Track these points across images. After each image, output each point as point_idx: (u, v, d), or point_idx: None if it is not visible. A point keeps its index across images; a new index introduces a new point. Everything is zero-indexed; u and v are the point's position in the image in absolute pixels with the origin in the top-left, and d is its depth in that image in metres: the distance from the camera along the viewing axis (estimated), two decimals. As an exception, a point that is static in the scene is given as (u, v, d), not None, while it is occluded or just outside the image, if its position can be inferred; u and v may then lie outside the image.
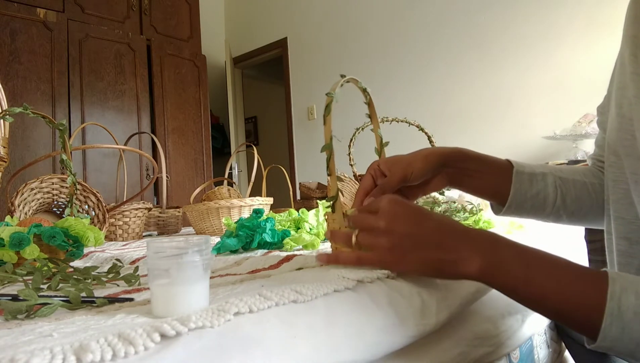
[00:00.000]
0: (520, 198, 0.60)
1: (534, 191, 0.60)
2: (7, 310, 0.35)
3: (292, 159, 3.98)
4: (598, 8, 2.41)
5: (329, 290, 0.40)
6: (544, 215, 0.62)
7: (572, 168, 0.65)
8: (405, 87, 3.22)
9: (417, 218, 0.46)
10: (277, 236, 0.79)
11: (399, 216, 0.46)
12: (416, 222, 0.45)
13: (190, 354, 0.28)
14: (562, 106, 2.54)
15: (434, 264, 0.44)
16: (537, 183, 0.60)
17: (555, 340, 0.91)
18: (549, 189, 0.60)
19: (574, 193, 0.61)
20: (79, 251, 0.71)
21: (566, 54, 2.55)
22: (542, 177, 0.60)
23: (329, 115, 0.58)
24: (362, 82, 0.65)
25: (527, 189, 0.60)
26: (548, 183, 0.60)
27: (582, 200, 0.61)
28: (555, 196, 0.60)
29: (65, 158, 0.86)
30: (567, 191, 0.61)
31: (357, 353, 0.38)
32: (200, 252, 0.35)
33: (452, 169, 0.59)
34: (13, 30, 2.50)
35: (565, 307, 0.41)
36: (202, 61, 3.55)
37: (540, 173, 0.61)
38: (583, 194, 0.61)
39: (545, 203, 0.61)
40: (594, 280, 0.40)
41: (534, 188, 0.60)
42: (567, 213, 0.61)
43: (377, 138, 0.67)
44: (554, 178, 0.61)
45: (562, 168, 0.64)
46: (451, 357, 0.55)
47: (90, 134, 2.75)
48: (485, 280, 0.44)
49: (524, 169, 0.60)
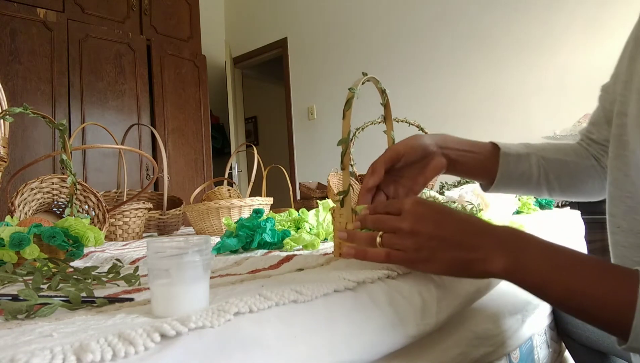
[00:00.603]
0: (506, 177, 0.64)
1: (519, 171, 0.64)
2: (7, 310, 0.35)
3: (292, 159, 3.98)
4: (598, 9, 2.41)
5: (329, 290, 0.40)
6: (529, 191, 0.68)
7: (556, 146, 0.69)
8: (405, 88, 3.22)
9: (441, 218, 0.46)
10: (277, 236, 0.79)
11: (424, 217, 0.46)
12: (441, 222, 0.46)
13: (191, 354, 0.28)
14: (562, 106, 2.54)
15: (460, 264, 0.45)
16: (521, 163, 0.64)
17: (555, 340, 0.91)
18: (533, 169, 0.65)
19: (556, 172, 0.66)
20: (79, 251, 0.71)
21: (566, 54, 2.55)
22: (527, 157, 0.65)
23: (349, 110, 0.59)
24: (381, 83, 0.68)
25: (513, 169, 0.64)
26: (532, 163, 0.65)
27: (563, 178, 0.66)
28: (538, 175, 0.65)
29: (65, 158, 0.86)
30: (549, 169, 0.65)
31: (357, 353, 0.38)
32: (200, 252, 0.35)
33: (446, 151, 0.61)
34: (13, 30, 2.50)
35: (594, 305, 0.40)
36: (202, 61, 3.55)
37: (524, 154, 0.65)
38: (564, 173, 0.66)
39: (529, 180, 0.65)
40: (624, 278, 0.39)
41: (519, 168, 0.64)
42: (549, 188, 0.66)
43: (390, 140, 0.68)
44: (537, 158, 0.65)
45: (545, 147, 0.68)
46: (451, 357, 0.55)
47: (90, 134, 2.75)
48: (510, 278, 0.44)
49: (510, 150, 0.64)
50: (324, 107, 3.74)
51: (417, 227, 0.45)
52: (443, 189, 1.42)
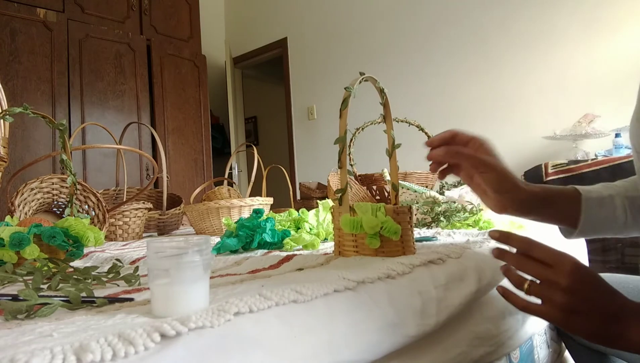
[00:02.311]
0: (590, 222, 0.63)
1: (603, 214, 0.63)
2: (7, 310, 0.35)
3: (292, 159, 3.98)
4: (598, 8, 2.41)
5: (329, 290, 0.40)
6: (618, 233, 0.66)
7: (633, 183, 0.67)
8: (405, 88, 3.22)
9: (599, 286, 0.47)
10: (277, 236, 0.79)
11: (584, 280, 0.46)
12: (598, 289, 0.47)
13: (190, 354, 0.28)
14: (562, 106, 2.54)
15: (601, 332, 0.46)
16: (606, 207, 0.63)
17: (555, 340, 0.91)
18: (618, 211, 0.63)
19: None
20: (79, 251, 0.71)
21: (566, 54, 2.55)
22: (610, 200, 0.63)
23: (346, 109, 0.60)
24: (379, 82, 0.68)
25: (597, 212, 0.63)
26: (617, 205, 0.63)
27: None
28: (625, 217, 0.63)
29: (65, 158, 0.86)
30: (636, 210, 0.64)
31: (357, 353, 0.38)
32: (200, 252, 0.35)
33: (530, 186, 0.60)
34: (13, 30, 2.50)
35: None
36: (202, 61, 3.55)
37: (608, 196, 0.64)
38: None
39: (616, 223, 0.64)
40: None
41: (603, 211, 0.63)
42: (637, 227, 0.65)
43: (390, 139, 0.68)
44: (622, 199, 0.64)
45: (628, 186, 0.66)
46: (451, 357, 0.54)
47: (90, 134, 2.75)
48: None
49: (591, 194, 0.63)
50: (324, 107, 3.74)
51: (575, 287, 0.46)
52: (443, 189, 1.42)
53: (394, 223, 0.59)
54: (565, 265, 0.47)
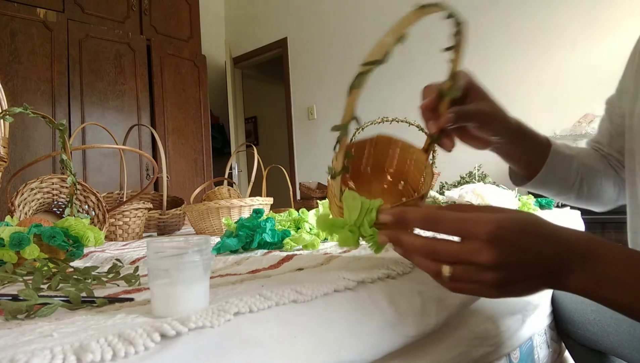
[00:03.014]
0: (547, 176, 0.63)
1: (561, 171, 0.64)
2: (7, 310, 0.35)
3: (292, 159, 3.98)
4: (597, 8, 2.41)
5: (329, 290, 0.40)
6: (559, 194, 0.67)
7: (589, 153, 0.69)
8: (405, 88, 3.22)
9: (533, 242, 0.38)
10: (277, 236, 0.79)
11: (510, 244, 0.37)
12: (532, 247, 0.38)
13: (191, 354, 0.28)
14: (562, 106, 2.54)
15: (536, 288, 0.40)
16: (565, 164, 0.64)
17: (555, 340, 0.91)
18: (572, 173, 0.64)
19: (589, 178, 0.65)
20: (79, 251, 0.71)
21: (566, 53, 2.55)
22: (571, 159, 0.64)
23: (360, 88, 0.42)
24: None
25: (557, 169, 0.63)
26: (573, 166, 0.64)
27: (592, 186, 0.66)
28: (574, 179, 0.65)
29: (65, 158, 0.86)
30: (585, 176, 0.65)
31: (357, 353, 0.38)
32: (200, 252, 0.35)
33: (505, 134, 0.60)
34: (13, 30, 2.50)
35: None
36: (202, 61, 3.55)
37: (569, 155, 0.64)
38: (593, 180, 0.66)
39: (566, 183, 0.64)
40: None
41: (562, 168, 0.64)
42: (578, 194, 0.66)
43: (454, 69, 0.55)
44: (578, 163, 0.65)
45: (582, 153, 0.67)
46: (451, 357, 0.54)
47: (90, 134, 2.75)
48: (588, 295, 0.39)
49: (559, 148, 0.64)
50: (324, 107, 3.74)
51: (502, 259, 0.37)
52: (443, 189, 1.42)
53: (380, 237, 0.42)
54: (480, 235, 0.37)
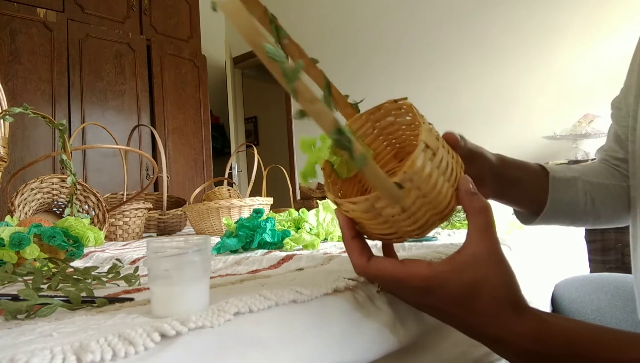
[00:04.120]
0: (556, 206, 0.57)
1: (568, 197, 0.58)
2: (7, 310, 0.35)
3: (292, 159, 3.98)
4: (598, 8, 2.41)
5: (329, 290, 0.40)
6: (574, 220, 0.60)
7: (593, 168, 0.63)
8: (405, 88, 3.22)
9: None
10: (277, 236, 0.79)
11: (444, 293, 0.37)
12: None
13: (190, 354, 0.28)
14: (562, 106, 2.54)
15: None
16: (570, 189, 0.58)
17: (555, 340, 0.91)
18: (580, 195, 0.58)
19: (601, 197, 0.60)
20: (79, 251, 0.71)
21: (566, 54, 2.55)
22: (574, 182, 0.58)
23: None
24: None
25: (563, 196, 0.57)
26: (578, 188, 0.58)
27: (608, 204, 0.60)
28: (585, 202, 0.59)
29: (65, 158, 0.86)
30: (595, 195, 0.59)
31: (357, 353, 0.38)
32: (200, 252, 0.35)
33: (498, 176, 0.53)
34: (13, 30, 2.50)
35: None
36: (202, 61, 3.55)
37: (571, 178, 0.59)
38: (608, 198, 0.60)
39: (577, 208, 0.58)
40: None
41: (568, 194, 0.58)
42: (595, 216, 0.60)
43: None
44: (583, 183, 0.59)
45: (586, 171, 0.61)
46: (451, 357, 0.54)
47: (90, 134, 2.75)
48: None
49: (558, 174, 0.58)
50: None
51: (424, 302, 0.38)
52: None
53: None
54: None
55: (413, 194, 0.36)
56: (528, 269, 0.77)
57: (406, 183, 0.35)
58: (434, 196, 0.37)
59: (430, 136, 0.37)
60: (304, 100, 0.31)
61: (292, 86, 0.31)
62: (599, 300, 0.75)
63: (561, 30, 2.56)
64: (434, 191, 0.37)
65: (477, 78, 2.90)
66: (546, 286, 0.86)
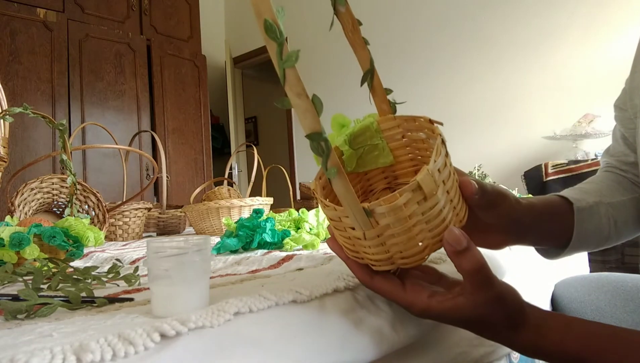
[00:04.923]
0: (581, 237, 0.54)
1: (592, 226, 0.54)
2: (7, 310, 0.35)
3: (292, 159, 3.98)
4: (598, 9, 2.41)
5: (329, 290, 0.40)
6: (596, 246, 0.58)
7: (609, 185, 0.59)
8: (405, 89, 3.22)
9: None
10: (277, 236, 0.79)
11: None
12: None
13: (190, 354, 0.28)
14: (562, 106, 2.54)
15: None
16: (594, 217, 0.55)
17: (555, 340, 0.91)
18: (604, 221, 0.55)
19: (623, 217, 0.57)
20: (79, 251, 0.71)
21: (566, 54, 2.55)
22: (597, 208, 0.55)
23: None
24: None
25: (588, 226, 0.54)
26: (602, 214, 0.55)
27: (630, 221, 0.58)
28: (608, 227, 0.56)
29: (65, 158, 0.86)
30: (617, 217, 0.57)
31: (357, 353, 0.38)
32: (200, 252, 0.35)
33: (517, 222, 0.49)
34: (13, 30, 2.50)
35: None
36: (202, 61, 3.55)
37: (594, 204, 0.55)
38: (629, 215, 0.58)
39: (601, 235, 0.56)
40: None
41: (592, 223, 0.54)
42: (618, 237, 0.58)
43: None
44: (606, 208, 0.56)
45: (604, 190, 0.58)
46: (451, 357, 0.54)
47: (90, 134, 2.75)
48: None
49: (581, 203, 0.54)
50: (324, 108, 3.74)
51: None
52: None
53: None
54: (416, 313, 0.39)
55: (381, 227, 0.33)
56: (528, 269, 0.77)
57: (378, 215, 0.33)
58: (405, 239, 0.34)
59: (429, 180, 0.33)
60: (291, 90, 0.31)
61: (282, 71, 0.30)
62: (599, 299, 0.75)
63: (561, 31, 2.56)
64: (407, 234, 0.34)
65: (478, 78, 2.90)
66: (546, 286, 0.86)
